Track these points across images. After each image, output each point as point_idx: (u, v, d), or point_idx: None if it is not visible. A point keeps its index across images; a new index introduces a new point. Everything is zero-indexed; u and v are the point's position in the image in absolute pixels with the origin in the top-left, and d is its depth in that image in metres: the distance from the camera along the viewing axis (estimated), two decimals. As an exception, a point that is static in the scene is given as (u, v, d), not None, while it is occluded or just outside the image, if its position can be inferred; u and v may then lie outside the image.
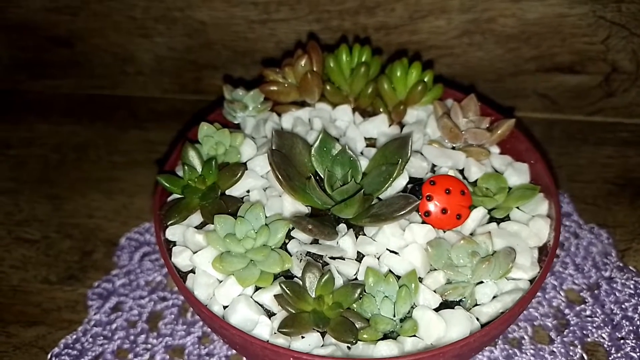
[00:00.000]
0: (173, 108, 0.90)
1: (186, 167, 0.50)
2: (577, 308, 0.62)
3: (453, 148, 0.57)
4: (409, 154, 0.51)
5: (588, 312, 0.61)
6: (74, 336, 0.62)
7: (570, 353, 0.59)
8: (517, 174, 0.54)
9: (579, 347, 0.59)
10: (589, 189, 0.70)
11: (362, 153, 0.58)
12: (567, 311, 0.62)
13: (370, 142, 0.59)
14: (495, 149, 0.58)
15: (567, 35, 0.78)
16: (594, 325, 0.60)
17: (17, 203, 0.76)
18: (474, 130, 0.55)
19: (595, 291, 0.63)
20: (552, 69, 0.83)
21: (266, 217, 0.46)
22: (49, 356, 0.60)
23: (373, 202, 0.50)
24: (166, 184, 0.50)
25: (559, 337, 0.60)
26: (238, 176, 0.50)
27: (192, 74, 0.90)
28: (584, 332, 0.60)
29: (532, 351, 0.59)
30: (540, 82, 0.84)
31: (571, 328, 0.60)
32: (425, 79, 0.59)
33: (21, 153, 0.83)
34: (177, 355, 0.60)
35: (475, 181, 0.54)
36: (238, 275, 0.45)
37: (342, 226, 0.51)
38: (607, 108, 0.83)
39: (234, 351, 0.59)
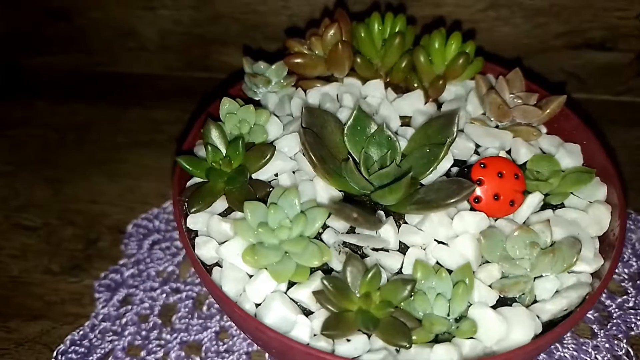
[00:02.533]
0: (178, 86, 0.83)
1: (209, 148, 0.43)
2: (619, 300, 0.57)
3: (496, 127, 0.51)
4: (455, 133, 0.45)
5: (631, 304, 0.57)
6: (81, 332, 0.56)
7: (615, 347, 0.54)
8: (570, 156, 0.48)
9: (624, 341, 0.54)
10: (621, 173, 0.65)
11: (396, 133, 0.52)
12: (608, 302, 0.57)
13: (405, 121, 0.53)
14: (542, 129, 0.52)
15: (599, 10, 0.72)
16: (639, 317, 0.55)
17: (15, 187, 0.70)
18: (524, 108, 0.49)
19: (638, 281, 0.58)
20: (581, 45, 0.77)
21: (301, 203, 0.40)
22: (54, 354, 0.54)
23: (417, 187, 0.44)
24: (188, 167, 0.43)
25: (602, 331, 0.55)
26: (267, 158, 0.44)
27: (199, 49, 0.83)
28: (628, 325, 0.55)
29: (574, 346, 0.54)
30: (568, 59, 0.78)
31: (614, 321, 0.55)
32: (467, 50, 0.52)
33: (18, 133, 0.76)
34: (193, 352, 0.54)
35: (524, 164, 0.48)
36: (272, 269, 0.39)
37: (380, 213, 0.45)
38: (638, 87, 0.78)
39: (255, 347, 0.53)
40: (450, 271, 0.41)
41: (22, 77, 0.84)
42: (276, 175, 0.46)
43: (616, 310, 0.56)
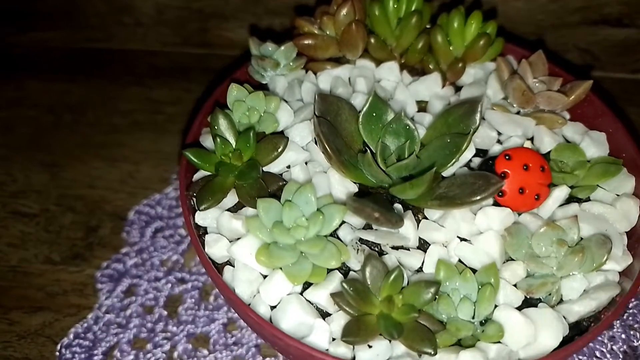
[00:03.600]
0: (176, 63, 0.80)
1: (218, 140, 0.40)
2: None
3: (518, 113, 0.48)
4: (478, 123, 0.43)
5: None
6: (85, 324, 0.54)
7: (632, 338, 0.53)
8: (595, 145, 0.46)
9: (640, 331, 0.53)
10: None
11: (413, 119, 0.49)
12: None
13: (421, 106, 0.50)
14: (565, 114, 0.49)
15: (618, -16, 0.69)
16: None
17: (10, 172, 0.66)
18: (549, 94, 0.46)
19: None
20: (598, 21, 0.74)
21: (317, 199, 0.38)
22: (58, 347, 0.52)
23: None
24: (196, 161, 0.40)
25: (618, 321, 0.53)
26: (280, 150, 0.41)
27: (196, 24, 0.79)
28: (645, 314, 0.54)
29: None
30: (583, 36, 0.74)
31: (631, 311, 0.54)
32: (488, 31, 0.49)
33: (10, 115, 0.73)
34: (201, 344, 0.53)
35: (548, 153, 0.46)
36: (287, 271, 0.36)
37: (398, 207, 0.42)
38: (654, 65, 0.75)
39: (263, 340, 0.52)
40: (474, 270, 0.38)
41: (12, 55, 0.80)
42: (288, 167, 0.44)
43: (633, 299, 0.54)
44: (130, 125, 0.72)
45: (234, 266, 0.39)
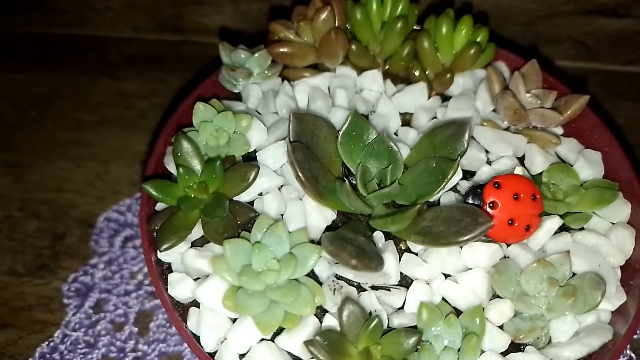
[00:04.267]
0: (149, 51, 0.74)
1: (181, 170, 0.36)
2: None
3: (507, 129, 0.44)
4: (466, 147, 0.39)
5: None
6: (51, 343, 0.50)
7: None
8: (590, 166, 0.42)
9: (627, 347, 0.51)
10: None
11: (396, 134, 0.45)
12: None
13: (405, 119, 0.46)
14: (558, 130, 0.45)
15: (612, -28, 0.64)
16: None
17: (-31, 174, 0.61)
18: (542, 112, 0.42)
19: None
20: (592, 11, 0.69)
21: (289, 233, 0.34)
22: (22, 367, 0.49)
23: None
24: (156, 195, 0.36)
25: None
26: (250, 180, 0.37)
27: (170, 9, 0.73)
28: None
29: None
30: (576, 26, 0.70)
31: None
32: (479, 39, 0.44)
33: (-31, 110, 0.67)
34: (174, 364, 0.50)
35: (539, 174, 0.42)
36: (257, 319, 0.33)
37: (379, 235, 0.39)
38: (649, 57, 0.71)
39: None
40: (458, 311, 0.35)
41: (-29, 42, 0.74)
42: (260, 194, 0.39)
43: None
44: (99, 122, 0.66)
45: (199, 309, 0.36)
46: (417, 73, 0.46)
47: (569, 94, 0.45)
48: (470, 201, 0.38)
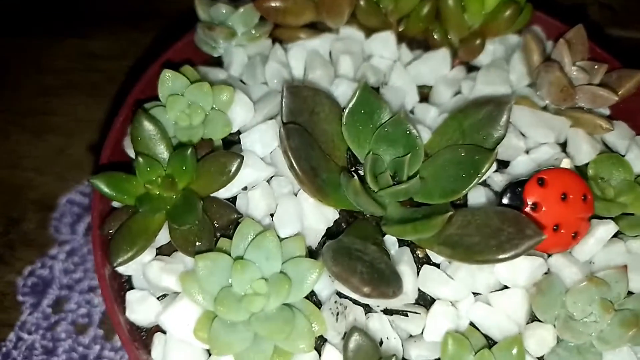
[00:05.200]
0: (123, 7, 0.63)
1: (141, 160, 0.27)
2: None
3: (544, 108, 0.36)
4: (504, 132, 0.30)
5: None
6: (3, 348, 0.43)
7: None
8: (645, 156, 0.34)
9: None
10: None
11: (412, 112, 0.36)
12: None
13: (423, 92, 0.37)
14: (605, 110, 0.37)
15: None
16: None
17: None
18: (594, 90, 0.33)
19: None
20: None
21: (281, 240, 0.26)
22: (-33, 379, 0.41)
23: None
24: (109, 192, 0.27)
25: None
26: (231, 173, 0.28)
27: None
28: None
29: None
30: None
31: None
32: (517, -3, 0.35)
33: None
34: (145, 373, 0.42)
35: (585, 165, 0.34)
36: (239, 358, 0.25)
37: (391, 240, 0.31)
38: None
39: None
40: (488, 339, 0.28)
41: None
42: (245, 188, 0.31)
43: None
44: (64, 87, 0.57)
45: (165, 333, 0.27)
46: (437, 37, 0.37)
47: (619, 67, 0.36)
48: (507, 201, 0.30)
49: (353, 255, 0.25)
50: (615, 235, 0.32)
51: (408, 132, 0.31)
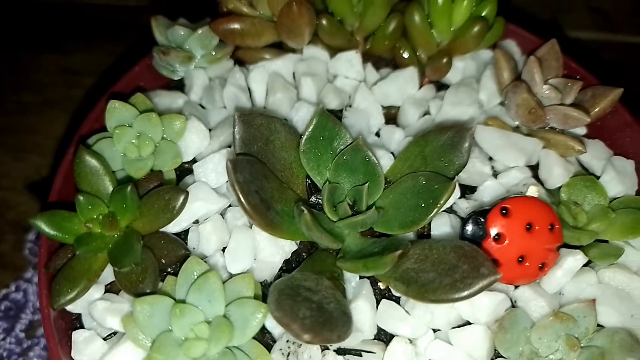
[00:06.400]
0: (106, 18, 0.62)
1: (81, 199, 0.26)
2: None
3: (517, 128, 0.34)
4: (465, 158, 0.29)
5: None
6: (-26, 378, 0.42)
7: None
8: (620, 179, 0.33)
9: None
10: None
11: (378, 134, 0.35)
12: None
13: (390, 113, 0.36)
14: (581, 129, 0.35)
15: None
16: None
17: None
18: (565, 111, 0.32)
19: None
20: (613, -25, 0.58)
21: (225, 284, 0.25)
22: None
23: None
24: (49, 231, 0.26)
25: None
26: (176, 210, 0.27)
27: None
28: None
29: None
30: None
31: None
32: (485, 13, 0.34)
33: None
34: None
35: (557, 188, 0.32)
36: (181, 405, 0.24)
37: (353, 274, 0.29)
38: (677, 29, 0.60)
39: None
40: (448, 379, 0.26)
41: None
42: (197, 221, 0.30)
43: None
44: (42, 104, 0.56)
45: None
46: (405, 55, 0.36)
47: (595, 84, 0.35)
48: (470, 231, 0.28)
49: (299, 297, 0.24)
50: (587, 265, 0.31)
51: (367, 160, 0.30)
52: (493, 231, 0.28)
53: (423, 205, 0.28)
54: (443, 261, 0.26)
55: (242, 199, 0.26)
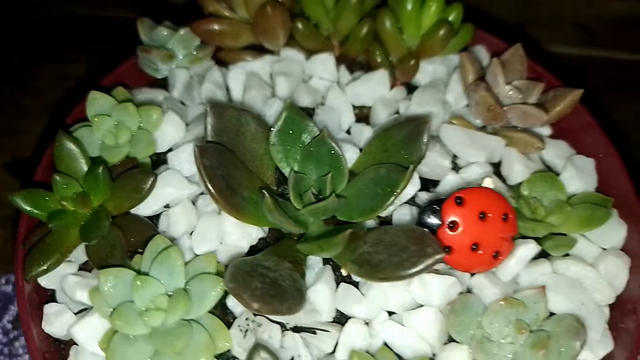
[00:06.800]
0: (103, 28, 0.65)
1: (57, 178, 0.28)
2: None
3: (483, 127, 0.36)
4: (423, 150, 0.30)
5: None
6: (-39, 363, 0.43)
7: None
8: (580, 177, 0.34)
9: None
10: (634, 159, 0.49)
11: (349, 132, 0.36)
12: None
13: (362, 113, 0.38)
14: (546, 130, 0.37)
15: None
16: None
17: None
18: (524, 109, 0.33)
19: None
20: (597, -9, 0.60)
21: (186, 264, 0.26)
22: None
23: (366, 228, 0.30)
24: (25, 207, 0.28)
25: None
26: (145, 191, 0.29)
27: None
28: None
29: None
30: (579, 7, 0.62)
31: None
32: (451, 18, 0.36)
33: None
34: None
35: (518, 184, 0.34)
36: (140, 371, 0.25)
37: (316, 260, 0.31)
38: (662, 45, 0.62)
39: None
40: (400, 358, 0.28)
41: None
42: (167, 206, 0.31)
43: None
44: (39, 108, 0.59)
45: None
46: (378, 58, 0.38)
47: (559, 86, 0.36)
48: (427, 220, 0.30)
49: (254, 272, 0.26)
50: (544, 256, 0.32)
51: (332, 152, 0.32)
52: (448, 219, 0.29)
53: (382, 193, 0.30)
54: (395, 243, 0.27)
55: (207, 182, 0.28)
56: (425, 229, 0.28)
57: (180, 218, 0.30)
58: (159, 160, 0.33)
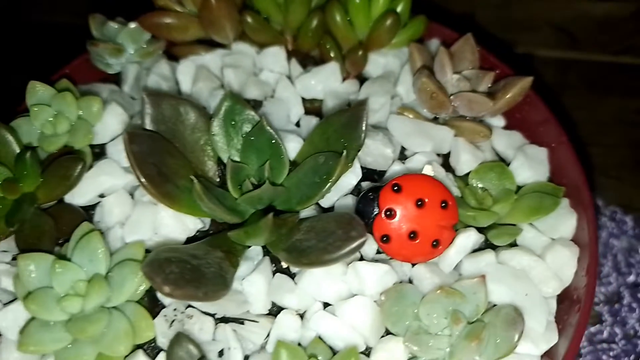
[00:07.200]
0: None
1: (-15, 165, 0.28)
2: (591, 330, 0.43)
3: (435, 119, 0.35)
4: (362, 137, 0.30)
5: (605, 335, 0.43)
6: None
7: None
8: (531, 166, 0.33)
9: (593, 386, 0.41)
10: (611, 156, 0.51)
11: (298, 125, 0.36)
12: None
13: (313, 106, 0.37)
14: (499, 121, 0.36)
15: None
16: (612, 355, 0.42)
17: None
18: (470, 96, 0.33)
19: (615, 305, 0.44)
20: (576, -7, 0.60)
21: (114, 253, 0.26)
22: None
23: (303, 217, 0.29)
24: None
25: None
26: (73, 178, 0.28)
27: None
28: (599, 363, 0.42)
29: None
30: (557, 10, 0.62)
31: (584, 358, 0.42)
32: (398, 9, 0.36)
33: None
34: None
35: (466, 175, 0.33)
36: (59, 358, 0.25)
37: (256, 251, 0.30)
38: (639, 46, 0.60)
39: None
40: (333, 351, 0.27)
41: None
42: (102, 196, 0.31)
43: (584, 344, 0.43)
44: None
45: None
46: (330, 51, 0.38)
47: (510, 74, 0.36)
48: (363, 207, 0.29)
49: (174, 259, 0.25)
50: (491, 247, 0.31)
51: (273, 141, 0.31)
52: (385, 206, 0.28)
53: (319, 181, 0.29)
54: (325, 230, 0.27)
55: (136, 169, 0.28)
56: (356, 215, 0.27)
57: (114, 208, 0.30)
58: (102, 152, 0.33)
